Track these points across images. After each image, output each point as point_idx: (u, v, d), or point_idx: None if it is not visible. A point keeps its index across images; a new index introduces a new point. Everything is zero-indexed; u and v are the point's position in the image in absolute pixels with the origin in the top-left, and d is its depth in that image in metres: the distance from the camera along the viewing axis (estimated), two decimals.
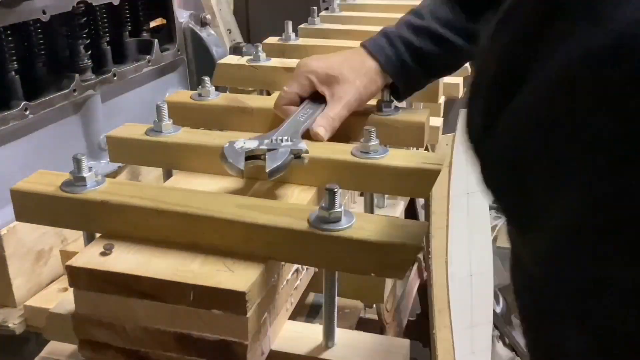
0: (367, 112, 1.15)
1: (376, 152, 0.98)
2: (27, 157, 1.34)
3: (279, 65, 1.42)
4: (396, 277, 0.78)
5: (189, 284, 0.75)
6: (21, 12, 1.27)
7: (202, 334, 0.77)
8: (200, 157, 1.04)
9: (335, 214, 0.78)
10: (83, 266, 0.79)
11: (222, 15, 2.70)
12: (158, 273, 0.77)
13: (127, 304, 0.79)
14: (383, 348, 0.87)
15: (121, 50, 1.62)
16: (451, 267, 2.11)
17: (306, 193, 0.98)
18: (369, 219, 0.80)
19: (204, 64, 1.77)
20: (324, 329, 0.86)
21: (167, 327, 0.78)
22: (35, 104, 1.31)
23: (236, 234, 0.81)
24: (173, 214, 0.83)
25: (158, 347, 0.79)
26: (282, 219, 0.80)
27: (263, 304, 0.79)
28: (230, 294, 0.74)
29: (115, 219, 0.85)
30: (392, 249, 0.75)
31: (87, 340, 0.82)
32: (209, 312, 0.76)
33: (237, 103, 1.20)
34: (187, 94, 1.25)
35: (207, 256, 0.81)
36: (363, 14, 2.01)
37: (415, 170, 0.96)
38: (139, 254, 0.82)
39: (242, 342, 0.76)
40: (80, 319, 0.82)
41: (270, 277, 0.81)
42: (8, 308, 1.24)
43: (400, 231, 0.77)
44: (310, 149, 0.97)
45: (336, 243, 0.77)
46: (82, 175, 0.88)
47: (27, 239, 1.24)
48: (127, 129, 1.10)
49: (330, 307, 0.84)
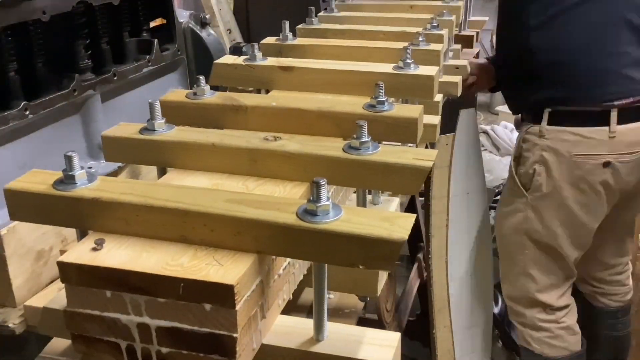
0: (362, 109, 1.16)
1: (367, 148, 0.99)
2: (27, 157, 1.35)
3: (275, 65, 1.43)
4: (384, 269, 0.78)
5: (178, 277, 0.76)
6: (21, 12, 1.28)
7: (192, 327, 0.78)
8: (193, 154, 1.05)
9: (322, 207, 0.79)
10: (74, 262, 0.80)
11: (222, 15, 2.71)
12: (148, 267, 0.78)
13: (117, 298, 0.79)
14: (374, 341, 0.88)
15: (121, 50, 1.62)
16: (450, 267, 2.11)
17: (298, 189, 0.99)
18: (356, 212, 0.81)
19: (204, 64, 1.78)
20: (315, 322, 0.87)
21: (157, 321, 0.79)
22: (35, 104, 1.32)
23: (226, 228, 0.82)
24: (163, 209, 0.84)
25: (149, 341, 0.80)
26: (270, 213, 0.81)
27: (253, 297, 0.80)
28: (219, 287, 0.75)
29: (107, 216, 0.86)
30: (378, 241, 0.76)
31: (80, 334, 0.83)
32: (199, 306, 0.77)
33: (232, 101, 1.20)
34: (182, 93, 1.26)
35: (197, 251, 0.82)
36: (360, 14, 2.03)
37: (405, 167, 0.97)
38: (130, 249, 0.83)
39: (232, 335, 0.77)
40: (72, 314, 0.83)
41: (260, 271, 0.82)
42: (8, 308, 1.25)
43: (387, 223, 0.78)
44: (301, 145, 0.98)
45: (323, 236, 0.78)
46: (74, 173, 0.89)
47: (27, 239, 1.25)
48: (121, 128, 1.11)
49: (320, 301, 0.85)
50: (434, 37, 1.69)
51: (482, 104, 4.96)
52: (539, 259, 2.27)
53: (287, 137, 1.06)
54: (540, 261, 2.27)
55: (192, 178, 1.03)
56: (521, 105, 2.35)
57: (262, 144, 1.03)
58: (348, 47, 1.60)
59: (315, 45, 1.61)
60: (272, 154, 1.01)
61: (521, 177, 2.23)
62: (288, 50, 1.61)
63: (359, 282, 1.07)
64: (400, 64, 1.38)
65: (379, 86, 1.15)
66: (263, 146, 1.03)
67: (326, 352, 0.85)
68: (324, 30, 1.81)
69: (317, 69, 1.41)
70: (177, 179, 1.03)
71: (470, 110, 2.14)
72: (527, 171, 2.21)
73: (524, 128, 2.26)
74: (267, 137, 1.05)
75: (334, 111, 1.16)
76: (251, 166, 1.03)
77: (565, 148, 2.13)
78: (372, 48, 1.59)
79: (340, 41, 1.65)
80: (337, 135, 1.14)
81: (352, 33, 1.76)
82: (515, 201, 2.26)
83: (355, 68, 1.41)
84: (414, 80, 1.35)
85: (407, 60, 1.38)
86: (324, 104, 1.18)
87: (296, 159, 1.00)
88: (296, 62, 1.46)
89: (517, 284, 2.32)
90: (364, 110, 1.15)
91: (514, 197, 2.27)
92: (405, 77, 1.36)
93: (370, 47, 1.59)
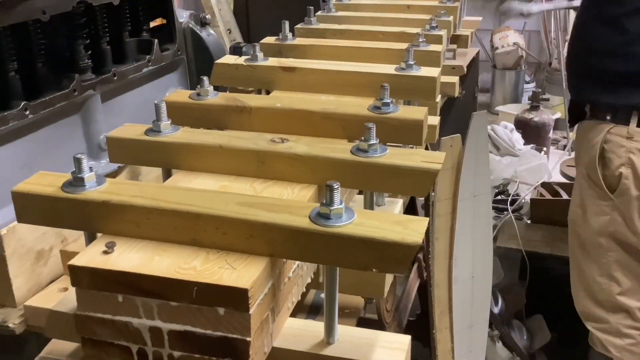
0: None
1: (375, 150, 0.99)
2: (27, 157, 1.34)
3: (276, 65, 1.43)
4: (398, 272, 0.78)
5: (192, 281, 0.76)
6: (21, 12, 1.27)
7: (205, 331, 0.78)
8: (200, 156, 1.04)
9: (336, 210, 0.79)
10: (85, 265, 0.80)
11: (222, 15, 2.70)
12: (160, 271, 0.78)
13: (129, 302, 0.79)
14: (384, 344, 0.88)
15: (121, 50, 1.62)
16: (455, 270, 2.11)
17: (306, 191, 0.99)
18: (369, 215, 0.81)
19: (204, 64, 1.78)
20: (325, 325, 0.87)
21: (169, 324, 0.79)
22: (35, 104, 1.31)
23: (238, 231, 0.81)
24: (175, 212, 0.83)
25: (161, 345, 0.80)
26: (282, 216, 0.81)
27: (265, 301, 0.80)
28: (233, 290, 0.75)
29: (117, 219, 0.86)
30: (393, 245, 0.76)
31: (90, 338, 0.83)
32: (212, 309, 0.76)
33: (236, 102, 1.20)
34: (185, 93, 1.26)
35: (208, 254, 0.82)
36: (358, 13, 2.03)
37: (414, 170, 0.97)
38: (141, 252, 0.82)
39: (245, 339, 0.76)
40: (83, 318, 0.82)
41: (272, 274, 0.82)
42: (8, 308, 1.24)
43: (401, 227, 0.78)
44: (309, 147, 0.98)
45: (337, 239, 0.78)
46: (83, 175, 0.88)
47: (27, 239, 1.24)
48: (126, 129, 1.11)
49: (331, 304, 0.85)
50: (433, 37, 1.69)
51: (482, 104, 4.97)
52: (624, 261, 2.21)
53: (294, 139, 1.05)
54: (625, 264, 2.21)
55: (199, 180, 1.03)
56: (603, 103, 2.20)
57: (269, 145, 1.03)
58: (348, 48, 1.60)
59: (315, 45, 1.61)
60: (280, 155, 1.01)
61: (606, 179, 2.16)
62: (288, 50, 1.60)
63: (365, 283, 1.07)
64: (403, 65, 1.38)
65: (384, 88, 1.15)
66: (270, 148, 1.02)
67: (338, 355, 0.85)
68: (322, 30, 1.81)
69: (319, 69, 1.41)
70: (184, 181, 1.03)
71: (482, 112, 2.14)
72: (612, 174, 2.14)
73: (604, 127, 2.16)
74: (274, 139, 1.05)
75: (339, 113, 1.15)
76: (258, 168, 1.02)
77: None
78: (372, 49, 1.59)
79: (340, 41, 1.65)
80: (342, 136, 1.14)
81: (351, 33, 1.77)
82: (600, 203, 2.19)
83: (358, 69, 1.41)
84: (417, 82, 1.36)
85: (409, 61, 1.38)
86: (328, 105, 1.18)
87: (304, 161, 1.00)
88: (298, 63, 1.46)
89: (600, 287, 2.25)
90: (369, 112, 1.15)
91: (597, 199, 2.20)
92: (408, 79, 1.36)
93: (371, 47, 1.60)
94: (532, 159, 3.87)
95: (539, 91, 4.81)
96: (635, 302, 2.23)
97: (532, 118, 4.49)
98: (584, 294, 2.31)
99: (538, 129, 4.49)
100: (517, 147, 4.07)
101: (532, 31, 5.70)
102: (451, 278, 2.11)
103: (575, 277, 2.35)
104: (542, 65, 5.80)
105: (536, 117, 4.49)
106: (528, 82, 5.62)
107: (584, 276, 2.30)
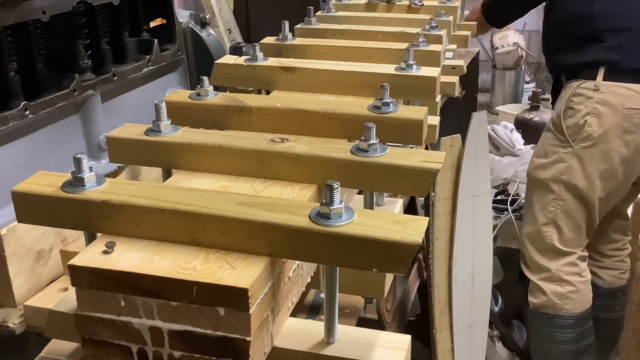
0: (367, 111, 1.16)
1: (375, 150, 0.99)
2: (27, 157, 1.34)
3: (276, 65, 1.43)
4: (398, 272, 0.78)
5: (192, 281, 0.76)
6: (21, 12, 1.27)
7: (205, 330, 0.78)
8: (200, 156, 1.04)
9: (336, 210, 0.79)
10: (85, 265, 0.80)
11: (222, 15, 2.71)
12: (160, 271, 0.78)
13: (129, 302, 0.79)
14: (384, 344, 0.88)
15: (121, 50, 1.62)
16: (455, 270, 2.11)
17: (306, 191, 0.99)
18: (369, 215, 0.81)
19: (204, 64, 1.78)
20: (326, 325, 0.87)
21: (170, 324, 0.79)
22: (35, 104, 1.31)
23: (238, 231, 0.81)
24: (175, 212, 0.83)
25: (161, 345, 0.80)
26: (282, 216, 0.81)
27: (265, 300, 0.80)
28: (233, 290, 0.75)
29: (117, 219, 0.86)
30: (393, 244, 0.76)
31: (90, 338, 0.83)
32: (212, 309, 0.76)
33: (236, 102, 1.20)
34: (185, 93, 1.26)
35: (208, 253, 0.82)
36: (357, 13, 2.03)
37: (414, 169, 0.97)
38: (141, 252, 0.82)
39: (245, 339, 0.76)
40: (83, 318, 0.82)
41: (272, 274, 0.82)
42: (8, 308, 1.25)
43: (401, 226, 0.78)
44: (309, 147, 0.98)
45: (337, 239, 0.78)
46: (83, 175, 0.88)
47: (27, 239, 1.24)
48: (126, 129, 1.11)
49: (332, 304, 0.85)
50: (433, 37, 1.69)
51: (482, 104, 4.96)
52: (571, 210, 2.37)
53: (294, 139, 1.05)
54: (571, 213, 2.38)
55: (199, 180, 1.03)
56: (573, 64, 2.42)
57: (269, 145, 1.03)
58: (348, 48, 1.60)
59: (315, 45, 1.61)
60: (280, 155, 1.01)
61: (569, 128, 2.34)
62: (288, 50, 1.61)
63: (365, 283, 1.07)
64: (403, 65, 1.38)
65: (384, 88, 1.15)
66: (270, 148, 1.02)
67: (338, 355, 0.85)
68: (322, 30, 1.81)
69: (320, 69, 1.41)
70: (183, 181, 1.03)
71: (482, 112, 2.15)
72: (577, 122, 2.32)
73: (573, 84, 2.36)
74: (274, 139, 1.05)
75: (339, 112, 1.15)
76: (258, 168, 1.02)
77: (618, 101, 2.27)
78: (372, 49, 1.59)
79: (340, 41, 1.65)
80: (342, 136, 1.14)
81: (351, 33, 1.77)
82: (558, 151, 2.37)
83: (358, 69, 1.41)
84: (417, 82, 1.36)
85: (409, 61, 1.38)
86: (328, 105, 1.18)
87: (304, 161, 1.00)
88: (298, 63, 1.46)
89: (544, 236, 2.42)
90: (369, 112, 1.15)
91: (556, 148, 2.38)
92: (408, 79, 1.36)
93: (371, 47, 1.60)
94: None
95: (539, 91, 4.80)
96: (575, 250, 2.42)
97: (532, 118, 4.49)
98: (530, 246, 2.48)
99: (538, 129, 4.47)
100: (517, 147, 4.07)
101: (532, 31, 5.70)
102: (451, 278, 2.11)
103: (525, 230, 2.53)
104: (542, 65, 5.79)
105: (536, 117, 4.49)
106: (528, 82, 5.61)
107: (532, 227, 2.47)
